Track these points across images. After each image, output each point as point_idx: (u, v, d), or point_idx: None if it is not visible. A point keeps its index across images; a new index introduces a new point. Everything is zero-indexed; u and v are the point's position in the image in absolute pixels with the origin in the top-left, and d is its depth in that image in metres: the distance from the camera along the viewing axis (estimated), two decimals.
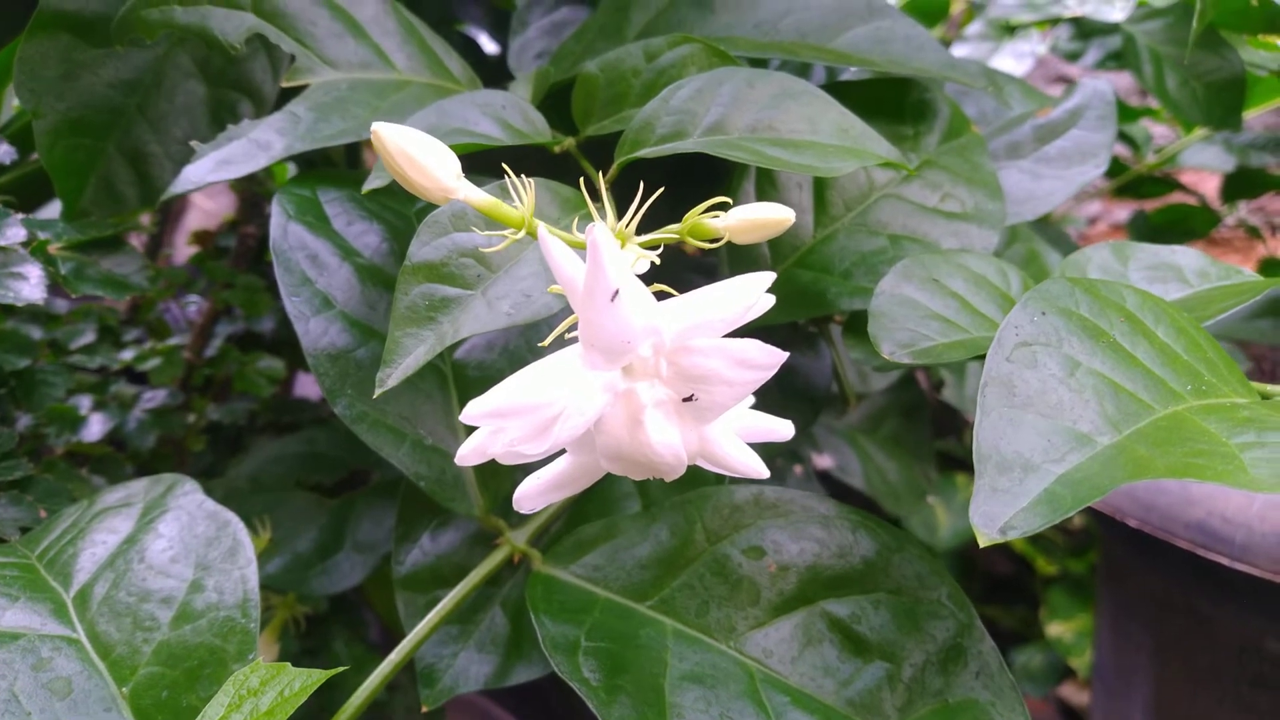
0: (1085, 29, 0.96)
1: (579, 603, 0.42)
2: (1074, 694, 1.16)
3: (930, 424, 0.89)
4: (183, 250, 0.98)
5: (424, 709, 0.45)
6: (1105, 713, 0.85)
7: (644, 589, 0.42)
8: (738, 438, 0.33)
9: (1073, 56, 0.96)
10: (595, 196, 0.37)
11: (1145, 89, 0.84)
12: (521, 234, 0.34)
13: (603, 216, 0.34)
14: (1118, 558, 0.81)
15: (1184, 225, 1.12)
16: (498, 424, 0.29)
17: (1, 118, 0.79)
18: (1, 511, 0.48)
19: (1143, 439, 0.32)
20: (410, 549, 0.50)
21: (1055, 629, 1.13)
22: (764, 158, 0.41)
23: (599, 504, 0.49)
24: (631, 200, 0.33)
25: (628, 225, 0.33)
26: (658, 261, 0.32)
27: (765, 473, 0.33)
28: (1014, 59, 0.98)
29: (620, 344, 0.28)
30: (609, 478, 0.40)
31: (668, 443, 0.30)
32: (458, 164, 0.33)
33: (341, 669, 0.33)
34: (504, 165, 0.34)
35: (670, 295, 0.30)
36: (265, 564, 0.58)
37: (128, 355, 0.70)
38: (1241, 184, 1.06)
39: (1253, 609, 0.66)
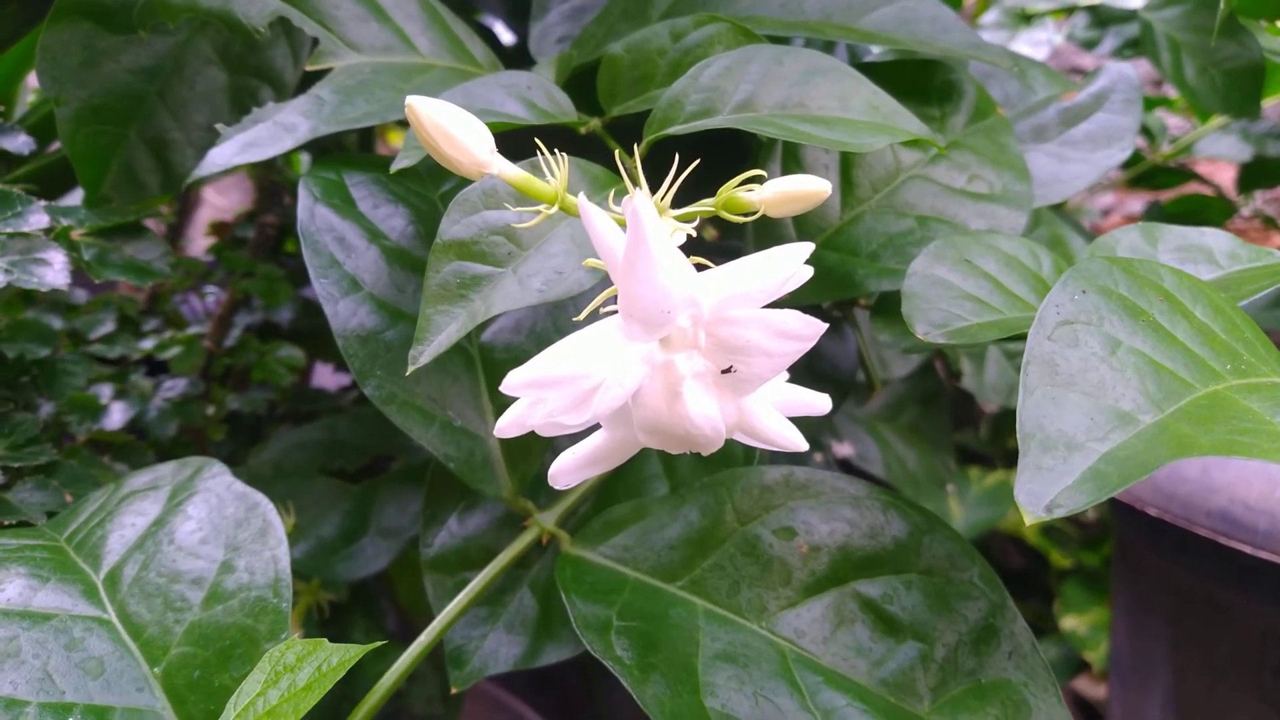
0: (1102, 17, 0.96)
1: (609, 583, 0.41)
2: (1089, 687, 1.15)
3: (949, 413, 0.88)
4: (198, 244, 0.98)
5: (453, 690, 0.45)
6: (1123, 705, 0.85)
7: (674, 570, 0.42)
8: (776, 410, 0.32)
9: (1089, 45, 0.96)
10: (625, 174, 0.37)
11: (1163, 77, 0.83)
12: (554, 210, 0.34)
13: (636, 191, 0.33)
14: (1135, 548, 0.81)
15: (1200, 215, 1.11)
16: (537, 394, 0.29)
17: (19, 109, 0.79)
18: (28, 496, 0.49)
19: (1185, 417, 0.32)
20: (438, 531, 0.49)
21: (1069, 622, 1.13)
22: (795, 133, 0.41)
23: (627, 485, 0.49)
24: (659, 180, 0.33)
25: (663, 198, 0.32)
26: (694, 234, 0.32)
27: (804, 445, 0.32)
28: (1030, 47, 0.98)
29: (660, 314, 0.28)
30: (637, 459, 0.40)
31: (706, 414, 0.30)
32: (491, 138, 0.33)
33: (380, 643, 0.33)
34: (536, 140, 0.34)
35: (706, 267, 0.30)
36: (290, 550, 0.58)
37: (147, 345, 0.70)
38: (1258, 173, 1.05)
39: (1275, 598, 0.66)
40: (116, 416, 0.64)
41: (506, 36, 0.82)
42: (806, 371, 0.53)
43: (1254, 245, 0.48)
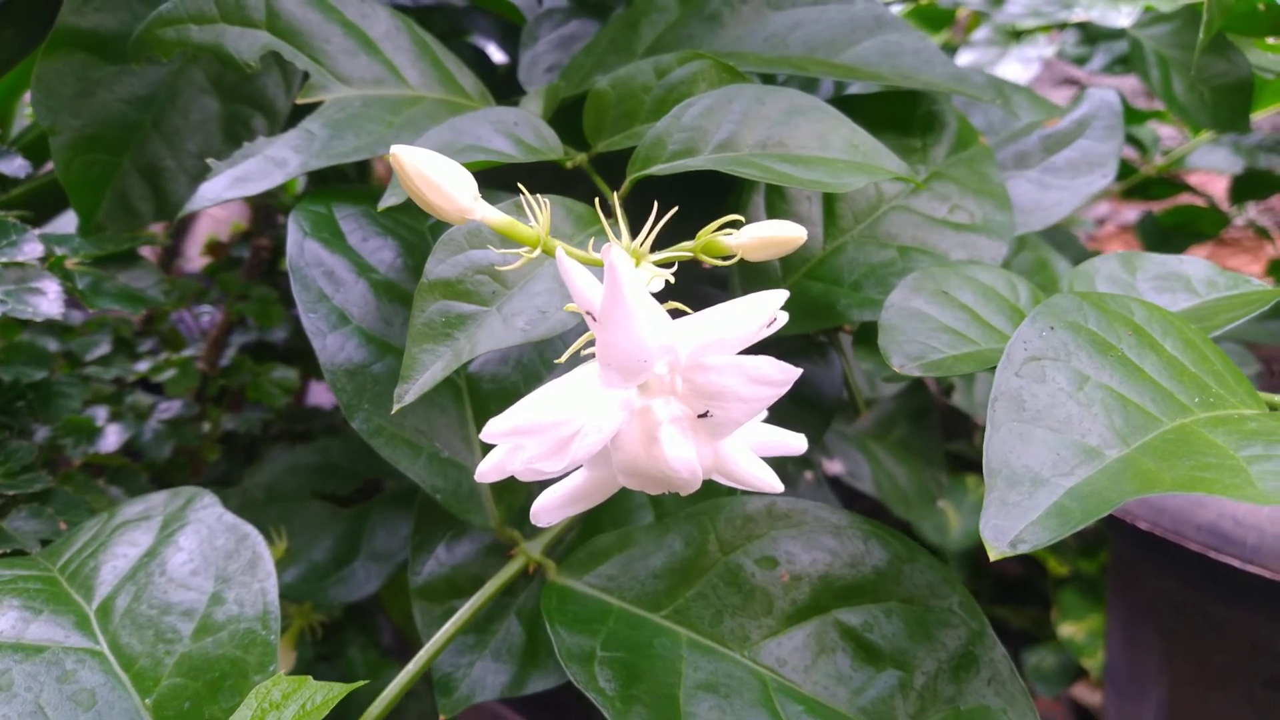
0: (1092, 34, 0.96)
1: (593, 613, 0.42)
2: (1086, 694, 1.16)
3: (940, 428, 0.89)
4: (194, 260, 0.99)
5: (441, 718, 0.46)
6: (1118, 714, 0.86)
7: (658, 599, 0.42)
8: (752, 452, 0.33)
9: (1079, 61, 0.97)
10: (608, 213, 0.38)
11: (1152, 93, 0.84)
12: (537, 252, 0.34)
13: (617, 234, 0.34)
14: (1128, 559, 0.81)
15: (1193, 226, 1.12)
16: (517, 442, 0.29)
17: (13, 130, 0.80)
18: (22, 524, 0.49)
19: (1150, 452, 0.32)
20: (426, 560, 0.50)
21: (1067, 629, 1.13)
22: (775, 174, 0.41)
23: (612, 515, 0.49)
24: (643, 215, 0.34)
25: (642, 244, 0.33)
26: (672, 280, 0.33)
27: (779, 487, 0.33)
28: (1021, 64, 0.98)
29: (636, 363, 0.29)
30: (622, 490, 0.41)
31: (683, 458, 0.30)
32: (474, 185, 0.34)
33: (362, 683, 0.34)
34: (519, 184, 0.35)
35: (685, 313, 0.31)
36: (282, 573, 0.59)
37: (143, 366, 0.71)
38: (1250, 185, 1.06)
39: (1265, 611, 0.67)
40: (112, 439, 0.65)
41: (498, 56, 0.82)
42: (792, 397, 0.54)
43: (1232, 273, 0.48)
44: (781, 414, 0.36)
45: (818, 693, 0.39)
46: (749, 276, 0.51)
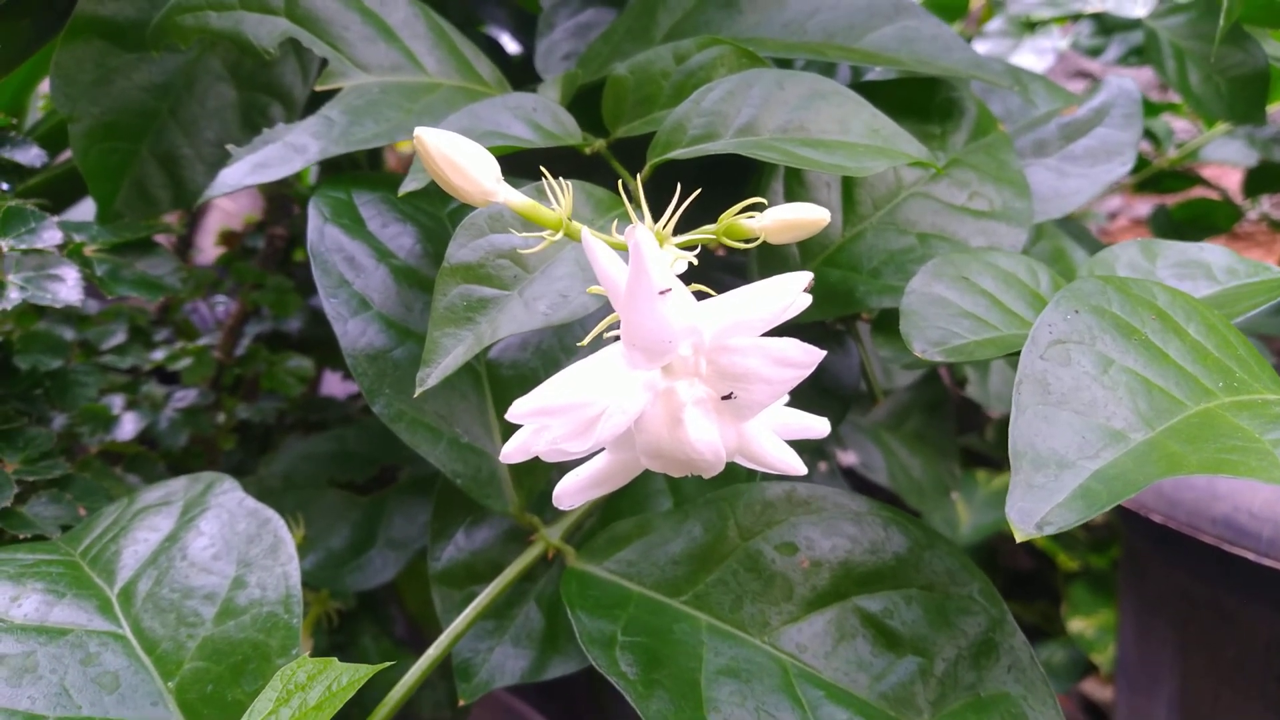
0: (1107, 25, 0.96)
1: (613, 598, 0.42)
2: (1096, 690, 1.16)
3: (954, 420, 0.88)
4: (208, 251, 0.99)
5: (460, 702, 0.46)
6: (1129, 709, 0.85)
7: (678, 584, 0.42)
8: (775, 435, 0.33)
9: (1094, 52, 0.96)
10: (629, 197, 0.38)
11: (1167, 84, 0.84)
12: (559, 235, 0.34)
13: (638, 218, 0.34)
14: (1142, 553, 0.81)
15: (1206, 220, 1.11)
16: (542, 422, 0.29)
17: (30, 120, 0.80)
18: (42, 510, 0.49)
19: (1175, 435, 0.32)
20: (445, 545, 0.50)
21: (1077, 624, 1.13)
22: (795, 158, 0.41)
23: (632, 501, 0.49)
24: (663, 202, 0.34)
25: (665, 226, 0.33)
26: (695, 262, 0.33)
27: (802, 469, 0.33)
28: (1035, 55, 0.98)
29: (661, 343, 0.29)
30: (641, 475, 0.41)
31: (707, 440, 0.30)
32: (497, 167, 0.34)
33: (388, 664, 0.34)
34: (541, 168, 0.35)
35: (708, 295, 0.31)
36: (300, 561, 0.59)
37: (158, 355, 0.71)
38: (1264, 178, 1.05)
39: (1279, 605, 0.66)
40: (128, 427, 0.65)
41: (512, 47, 0.82)
42: (810, 385, 0.54)
43: (1252, 260, 0.48)
44: (800, 401, 0.36)
45: (838, 679, 0.39)
46: (768, 264, 0.50)
